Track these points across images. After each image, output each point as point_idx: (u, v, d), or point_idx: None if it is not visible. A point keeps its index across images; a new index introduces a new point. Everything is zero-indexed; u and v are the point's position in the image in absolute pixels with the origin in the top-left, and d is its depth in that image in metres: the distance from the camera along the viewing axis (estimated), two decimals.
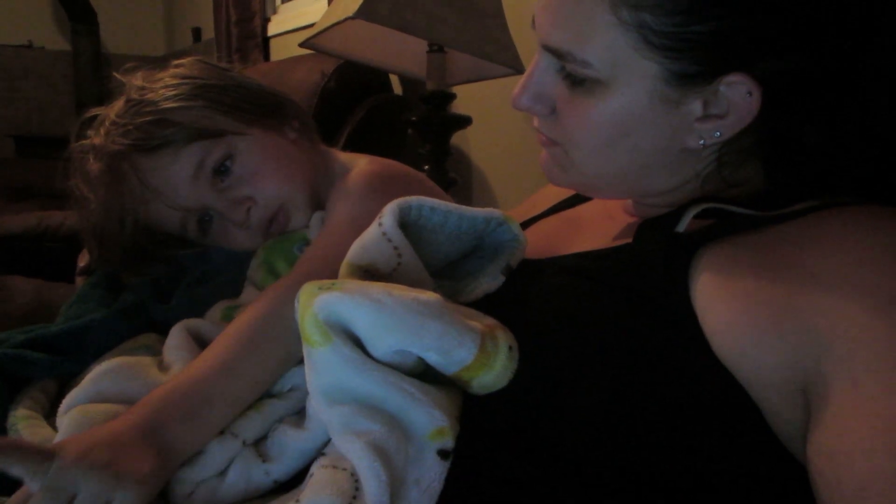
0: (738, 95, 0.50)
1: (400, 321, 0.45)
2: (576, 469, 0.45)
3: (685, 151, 0.54)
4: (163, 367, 0.58)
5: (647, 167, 0.55)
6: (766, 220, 0.50)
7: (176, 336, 0.61)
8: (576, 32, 0.51)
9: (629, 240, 0.56)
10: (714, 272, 0.48)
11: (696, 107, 0.51)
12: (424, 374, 0.49)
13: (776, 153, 0.55)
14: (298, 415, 0.54)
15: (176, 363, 0.58)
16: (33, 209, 1.70)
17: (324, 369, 0.47)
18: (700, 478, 0.45)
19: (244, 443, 0.51)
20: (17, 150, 3.49)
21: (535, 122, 0.59)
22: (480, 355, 0.47)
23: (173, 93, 0.66)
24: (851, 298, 0.43)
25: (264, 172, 0.68)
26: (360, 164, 0.72)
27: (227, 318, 0.65)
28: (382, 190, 0.66)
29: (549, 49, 0.54)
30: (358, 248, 0.54)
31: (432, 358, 0.47)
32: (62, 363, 0.61)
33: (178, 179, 0.66)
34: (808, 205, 0.51)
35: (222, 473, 0.50)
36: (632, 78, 0.51)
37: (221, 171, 0.67)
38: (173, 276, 0.72)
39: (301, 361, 0.55)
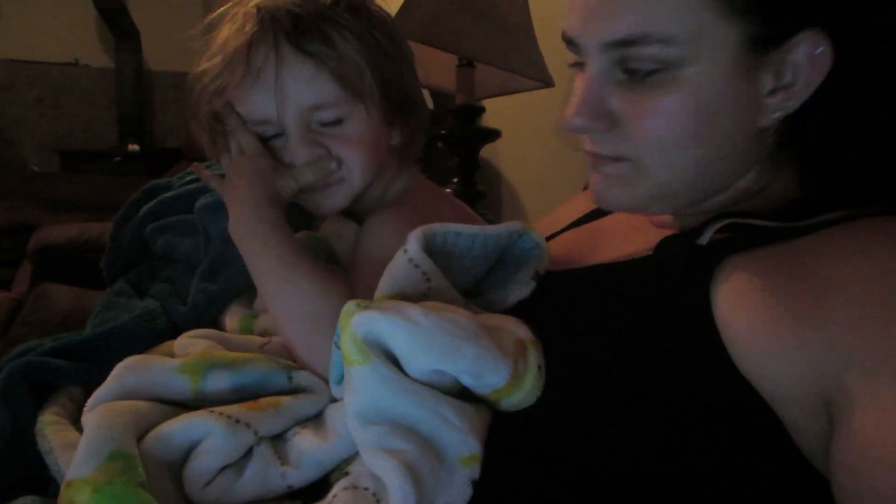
0: (808, 55, 0.49)
1: (435, 342, 0.46)
2: (591, 480, 0.45)
3: (758, 133, 0.53)
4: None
5: (725, 157, 0.53)
6: (791, 232, 0.49)
7: (182, 337, 0.62)
8: (651, 8, 0.49)
9: (651, 252, 0.55)
10: (736, 283, 0.47)
11: (768, 80, 0.51)
12: (462, 391, 0.49)
13: (813, 156, 0.54)
14: (319, 421, 0.55)
15: (190, 350, 0.58)
16: (76, 221, 1.75)
17: (361, 388, 0.47)
18: (720, 491, 0.45)
19: (256, 433, 0.51)
20: (61, 164, 3.61)
21: (588, 145, 0.56)
22: (512, 379, 0.47)
23: (354, 36, 0.65)
24: (874, 310, 0.42)
25: (363, 149, 0.67)
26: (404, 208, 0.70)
27: (246, 328, 0.65)
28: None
29: (613, 43, 0.51)
30: (387, 279, 0.54)
31: (465, 380, 0.47)
32: (85, 370, 0.62)
33: (295, 91, 0.64)
34: (835, 215, 0.50)
35: (240, 470, 0.50)
36: (715, 49, 0.49)
37: (330, 122, 0.66)
38: (184, 277, 0.72)
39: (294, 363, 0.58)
